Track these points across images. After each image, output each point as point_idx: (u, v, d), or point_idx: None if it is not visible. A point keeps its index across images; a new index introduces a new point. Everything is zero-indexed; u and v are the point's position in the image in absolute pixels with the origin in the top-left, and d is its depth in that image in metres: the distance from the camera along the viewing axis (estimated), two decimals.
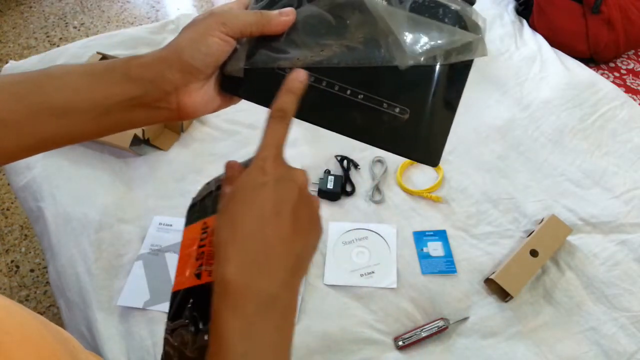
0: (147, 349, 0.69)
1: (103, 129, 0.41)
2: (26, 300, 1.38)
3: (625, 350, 0.71)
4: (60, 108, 0.38)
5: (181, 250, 0.42)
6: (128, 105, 0.39)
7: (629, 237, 0.82)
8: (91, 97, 0.38)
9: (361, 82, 0.40)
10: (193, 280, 0.39)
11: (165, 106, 0.40)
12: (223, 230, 0.33)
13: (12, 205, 1.57)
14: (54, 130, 0.39)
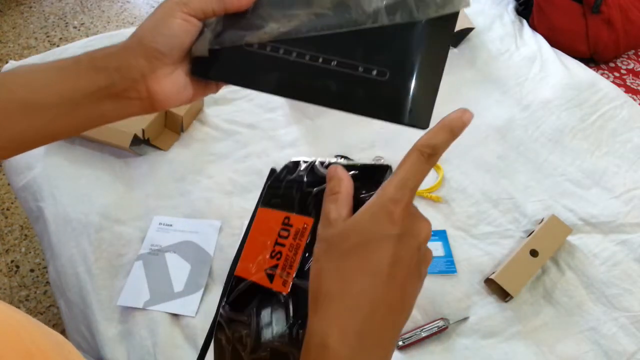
0: (147, 349, 0.69)
1: (75, 124, 0.40)
2: (26, 300, 1.38)
3: (625, 350, 0.71)
4: (28, 104, 0.38)
5: (253, 230, 0.39)
6: (97, 97, 0.38)
7: (629, 237, 0.82)
8: (59, 90, 0.37)
9: (333, 49, 0.38)
10: (263, 278, 0.36)
11: (135, 96, 0.38)
12: (330, 280, 0.30)
13: (12, 205, 1.57)
14: (25, 128, 0.39)
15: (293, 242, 0.36)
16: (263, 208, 0.40)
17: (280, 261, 0.36)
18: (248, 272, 0.38)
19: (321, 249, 0.31)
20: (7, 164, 0.94)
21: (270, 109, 0.99)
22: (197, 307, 0.73)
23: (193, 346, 0.70)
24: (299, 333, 0.33)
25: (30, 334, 0.26)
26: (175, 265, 0.77)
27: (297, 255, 0.35)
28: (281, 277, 0.35)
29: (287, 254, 0.36)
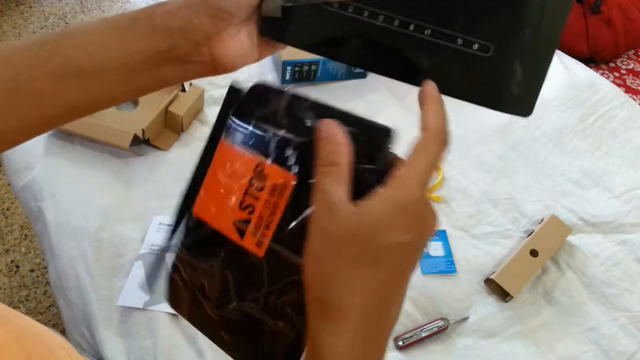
0: (147, 348, 0.69)
1: (133, 89, 0.36)
2: (26, 300, 1.38)
3: (625, 350, 0.71)
4: (84, 70, 0.34)
5: (214, 166, 0.34)
6: (157, 61, 0.34)
7: (629, 237, 0.83)
8: (116, 55, 0.34)
9: (428, 15, 0.32)
10: (232, 232, 0.32)
11: (198, 59, 0.35)
12: (341, 291, 0.27)
13: (12, 205, 1.57)
14: (80, 95, 0.35)
15: (270, 198, 0.31)
16: (227, 143, 0.34)
17: (254, 216, 0.32)
18: (210, 216, 0.34)
19: (324, 245, 0.28)
20: (7, 164, 0.94)
21: None
22: None
23: (193, 346, 0.70)
24: (276, 304, 0.31)
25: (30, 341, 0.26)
26: None
27: (275, 216, 0.31)
28: (254, 236, 0.32)
29: (261, 211, 0.32)
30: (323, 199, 0.28)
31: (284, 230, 0.31)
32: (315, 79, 1.01)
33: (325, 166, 0.28)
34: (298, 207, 0.30)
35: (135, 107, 0.96)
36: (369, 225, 0.27)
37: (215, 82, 1.03)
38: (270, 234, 0.31)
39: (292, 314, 0.31)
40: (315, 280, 0.28)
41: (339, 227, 0.27)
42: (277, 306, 0.31)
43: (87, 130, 0.89)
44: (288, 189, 0.31)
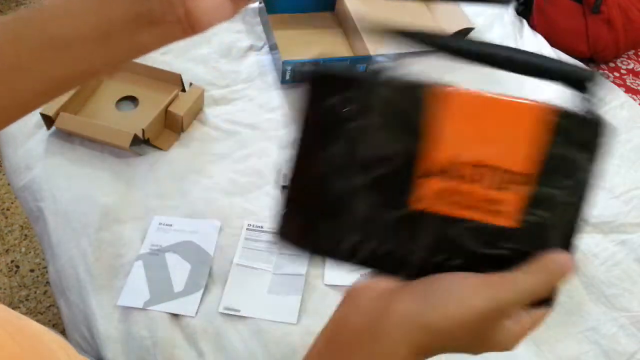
0: (147, 348, 0.69)
1: (113, 57, 0.37)
2: (26, 300, 1.38)
3: (626, 350, 0.71)
4: (65, 40, 0.34)
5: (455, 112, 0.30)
6: (134, 26, 0.35)
7: (629, 237, 0.83)
8: (94, 22, 0.34)
9: None
10: (435, 201, 0.30)
11: (174, 19, 0.35)
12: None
13: (12, 205, 1.57)
14: (64, 66, 0.36)
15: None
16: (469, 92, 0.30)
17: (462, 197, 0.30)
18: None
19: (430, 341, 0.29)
20: (7, 164, 0.94)
21: (270, 108, 0.99)
22: (197, 307, 0.73)
23: (193, 346, 0.70)
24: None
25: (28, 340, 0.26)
26: (175, 265, 0.77)
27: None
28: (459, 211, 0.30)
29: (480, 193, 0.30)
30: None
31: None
32: None
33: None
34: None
35: (135, 107, 0.96)
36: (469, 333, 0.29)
37: (215, 82, 1.03)
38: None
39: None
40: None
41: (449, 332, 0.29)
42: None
43: (87, 130, 0.89)
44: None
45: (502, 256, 0.31)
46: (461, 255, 0.31)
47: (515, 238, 0.30)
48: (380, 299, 0.30)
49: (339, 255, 0.32)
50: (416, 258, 0.31)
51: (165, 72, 0.97)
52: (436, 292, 0.28)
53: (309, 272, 0.77)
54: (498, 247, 0.30)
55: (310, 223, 0.32)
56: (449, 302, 0.28)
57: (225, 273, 0.77)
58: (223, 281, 0.76)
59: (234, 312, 0.72)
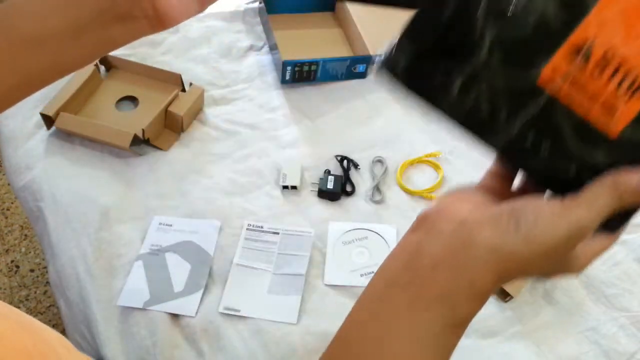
0: (147, 348, 0.69)
1: (85, 52, 0.38)
2: (26, 300, 1.38)
3: (626, 350, 0.71)
4: (36, 37, 0.36)
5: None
6: (102, 21, 0.36)
7: (629, 237, 0.82)
8: (63, 19, 0.35)
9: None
10: (592, 104, 0.29)
11: (140, 14, 0.36)
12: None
13: (12, 205, 1.57)
14: (34, 63, 0.37)
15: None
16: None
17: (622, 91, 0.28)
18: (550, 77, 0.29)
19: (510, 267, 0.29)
20: (7, 164, 0.94)
21: (270, 108, 0.99)
22: (197, 307, 0.73)
23: (193, 346, 0.70)
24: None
25: (26, 333, 0.26)
26: (175, 265, 0.77)
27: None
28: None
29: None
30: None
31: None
32: (315, 79, 1.01)
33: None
34: None
35: (135, 107, 0.96)
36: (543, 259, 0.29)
37: (215, 82, 1.03)
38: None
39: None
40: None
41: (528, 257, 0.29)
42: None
43: (87, 131, 0.89)
44: None
45: (591, 163, 0.30)
46: (554, 144, 0.30)
47: (614, 149, 0.29)
48: (462, 229, 0.29)
49: (437, 99, 0.31)
50: (509, 131, 0.30)
51: (165, 72, 0.97)
52: (519, 221, 0.28)
53: (309, 272, 0.77)
54: (593, 152, 0.29)
55: (423, 59, 0.30)
56: (532, 231, 0.28)
57: (225, 273, 0.77)
58: (223, 281, 0.76)
59: (234, 312, 0.72)
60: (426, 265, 0.30)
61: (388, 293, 0.31)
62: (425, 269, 0.30)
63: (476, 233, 0.29)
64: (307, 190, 0.87)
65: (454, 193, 0.33)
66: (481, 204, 0.32)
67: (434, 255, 0.30)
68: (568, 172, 0.30)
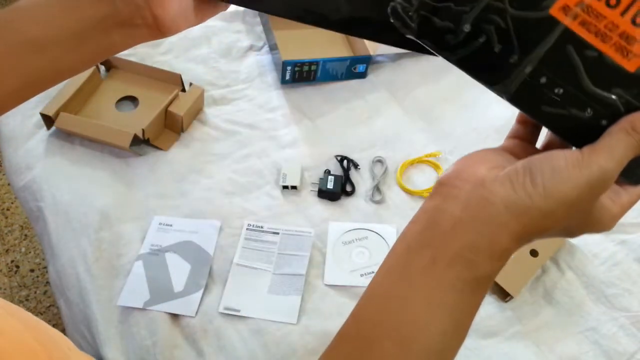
0: (147, 348, 0.69)
1: (86, 57, 0.39)
2: (26, 300, 1.38)
3: (626, 350, 0.71)
4: (36, 41, 0.37)
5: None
6: (103, 27, 0.37)
7: (629, 237, 0.82)
8: (65, 24, 0.36)
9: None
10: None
11: (141, 22, 0.37)
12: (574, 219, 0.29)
13: (12, 205, 1.57)
14: (36, 66, 0.38)
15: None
16: None
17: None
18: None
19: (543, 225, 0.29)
20: (7, 164, 0.94)
21: (270, 108, 0.99)
22: (197, 307, 0.73)
23: (193, 346, 0.70)
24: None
25: (32, 332, 0.26)
26: (175, 265, 0.77)
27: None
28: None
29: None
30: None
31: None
32: (315, 79, 1.01)
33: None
34: None
35: (135, 107, 0.96)
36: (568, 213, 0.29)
37: (215, 82, 1.03)
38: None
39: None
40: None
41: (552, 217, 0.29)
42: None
43: (87, 131, 0.89)
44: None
45: (608, 102, 0.28)
46: (569, 83, 0.28)
47: (632, 86, 0.28)
48: (479, 188, 0.29)
49: (443, 43, 0.30)
50: (521, 72, 0.29)
51: (165, 72, 0.97)
52: (535, 175, 0.28)
53: (309, 272, 0.77)
54: (610, 90, 0.28)
55: (429, 7, 0.29)
56: (550, 183, 0.28)
57: (225, 273, 0.77)
58: (223, 281, 0.76)
59: (234, 312, 0.72)
60: (446, 225, 0.30)
61: (409, 255, 0.31)
62: (445, 229, 0.30)
63: (493, 191, 0.29)
64: (307, 190, 0.87)
65: (471, 155, 0.32)
66: (499, 163, 0.31)
67: (453, 216, 0.30)
68: (584, 114, 0.29)
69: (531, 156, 0.29)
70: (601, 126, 0.29)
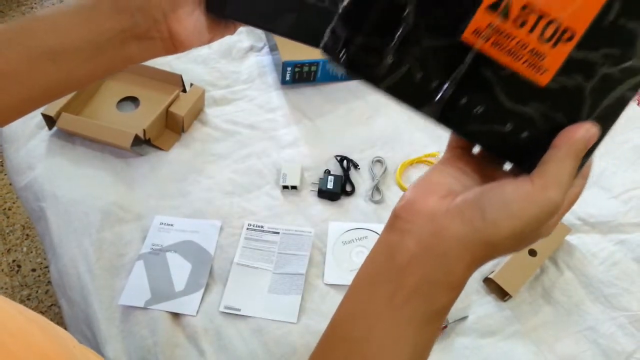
0: (148, 347, 0.69)
1: (102, 67, 0.40)
2: (28, 299, 1.39)
3: (624, 349, 0.71)
4: (55, 50, 0.37)
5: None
6: (121, 39, 0.38)
7: (628, 237, 0.83)
8: (84, 34, 0.37)
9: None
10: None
11: (157, 36, 0.38)
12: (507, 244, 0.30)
13: (14, 205, 1.58)
14: (53, 75, 0.38)
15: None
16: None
17: (513, 43, 0.29)
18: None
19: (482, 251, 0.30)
20: (9, 164, 0.95)
21: (270, 109, 0.99)
22: (198, 306, 0.73)
23: (194, 345, 0.70)
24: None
25: (41, 333, 0.27)
26: (176, 264, 0.77)
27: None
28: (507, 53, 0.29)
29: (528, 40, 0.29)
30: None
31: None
32: (316, 79, 1.01)
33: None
34: None
35: (136, 108, 0.97)
36: (518, 236, 0.29)
37: (216, 82, 1.03)
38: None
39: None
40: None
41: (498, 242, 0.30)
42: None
43: (88, 131, 0.90)
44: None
45: (526, 116, 0.30)
46: (487, 101, 0.30)
47: (546, 99, 0.30)
48: (431, 223, 0.30)
49: (371, 74, 0.32)
50: (442, 95, 0.31)
51: (166, 72, 0.98)
52: (486, 209, 0.29)
53: (309, 272, 0.77)
54: (526, 104, 0.30)
55: (354, 37, 0.31)
56: (500, 217, 0.28)
57: (226, 272, 0.77)
58: (224, 280, 0.76)
59: (234, 311, 0.73)
60: (402, 260, 0.31)
61: (369, 291, 0.32)
62: (402, 264, 0.31)
63: (445, 226, 0.30)
64: (307, 190, 0.88)
65: (422, 181, 0.33)
66: (449, 188, 0.32)
67: (409, 251, 0.30)
68: (505, 129, 0.30)
69: (483, 186, 0.30)
70: (522, 138, 0.31)
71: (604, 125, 0.30)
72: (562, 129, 0.30)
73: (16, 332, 0.24)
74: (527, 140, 0.31)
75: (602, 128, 0.30)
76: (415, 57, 0.30)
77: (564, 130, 0.29)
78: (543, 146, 0.30)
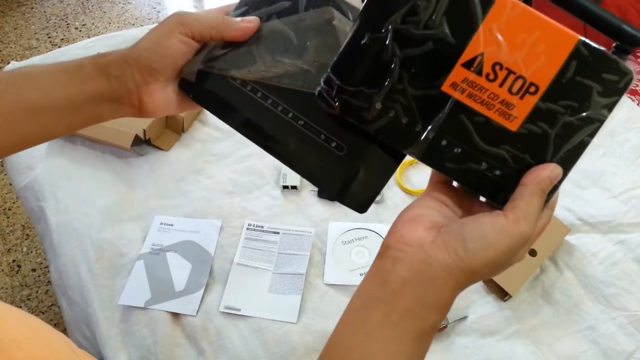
0: (148, 347, 0.70)
1: (75, 123, 0.43)
2: (28, 299, 1.39)
3: (624, 349, 0.71)
4: (36, 106, 0.40)
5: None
6: (97, 101, 0.41)
7: (627, 237, 0.83)
8: (65, 94, 0.40)
9: (305, 108, 0.40)
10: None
11: (128, 102, 0.42)
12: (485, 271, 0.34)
13: (14, 205, 1.58)
14: (29, 128, 0.41)
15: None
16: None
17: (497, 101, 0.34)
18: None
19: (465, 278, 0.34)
20: (8, 164, 0.95)
21: None
22: (198, 306, 0.73)
23: (194, 345, 0.70)
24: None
25: (47, 343, 0.27)
26: (176, 264, 0.77)
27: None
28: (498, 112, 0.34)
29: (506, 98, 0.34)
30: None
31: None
32: None
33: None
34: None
35: None
36: (493, 263, 0.34)
37: None
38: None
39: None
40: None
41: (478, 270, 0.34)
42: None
43: (89, 131, 0.90)
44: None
45: (498, 157, 0.35)
46: (465, 143, 0.35)
47: (515, 142, 0.34)
48: (420, 252, 0.34)
49: (362, 118, 0.36)
50: (425, 137, 0.35)
51: None
52: (467, 241, 0.33)
53: (309, 272, 0.77)
54: (498, 147, 0.34)
55: (345, 87, 0.35)
56: (479, 248, 0.32)
57: (226, 272, 0.77)
58: (224, 280, 0.76)
59: (234, 311, 0.73)
60: (395, 284, 0.34)
61: (364, 313, 0.35)
62: (395, 288, 0.34)
63: (432, 255, 0.33)
64: (307, 190, 0.88)
65: (408, 213, 0.37)
66: (434, 219, 0.36)
67: (401, 276, 0.34)
68: (480, 167, 0.35)
69: (463, 219, 0.34)
70: (495, 175, 0.35)
71: (566, 166, 0.34)
72: (530, 169, 0.34)
73: (24, 345, 0.25)
74: (500, 177, 0.35)
75: (565, 168, 0.34)
76: (401, 104, 0.35)
77: (532, 170, 0.34)
78: (514, 183, 0.34)
